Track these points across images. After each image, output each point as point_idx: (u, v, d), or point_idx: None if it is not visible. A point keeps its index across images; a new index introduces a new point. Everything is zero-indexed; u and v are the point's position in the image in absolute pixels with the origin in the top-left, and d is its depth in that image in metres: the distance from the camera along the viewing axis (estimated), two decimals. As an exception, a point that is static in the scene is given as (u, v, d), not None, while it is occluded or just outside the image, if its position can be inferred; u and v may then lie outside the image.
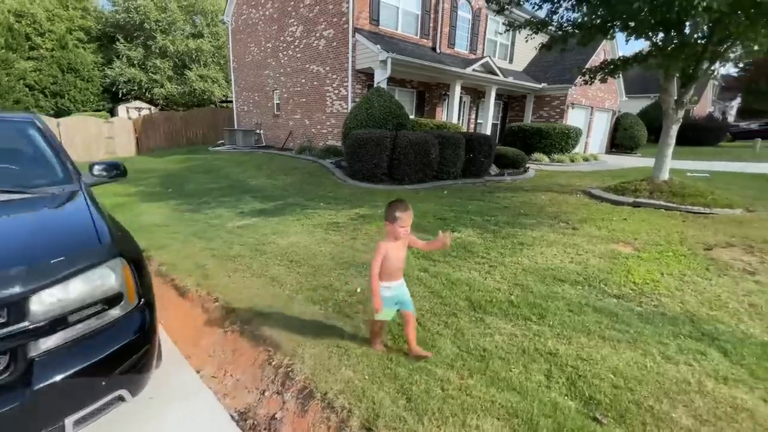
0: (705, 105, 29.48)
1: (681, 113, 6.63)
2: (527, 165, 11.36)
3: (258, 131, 15.89)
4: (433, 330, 2.62)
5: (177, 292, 3.54)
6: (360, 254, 4.12)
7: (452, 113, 12.56)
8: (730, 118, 36.47)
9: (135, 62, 27.35)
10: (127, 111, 25.44)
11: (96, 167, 2.90)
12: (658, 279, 3.31)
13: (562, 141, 13.20)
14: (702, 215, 5.55)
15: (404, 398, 1.95)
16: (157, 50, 27.47)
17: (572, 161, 12.95)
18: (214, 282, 3.54)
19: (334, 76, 11.64)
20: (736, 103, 37.57)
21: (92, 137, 15.58)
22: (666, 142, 6.78)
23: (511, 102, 16.80)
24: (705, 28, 6.12)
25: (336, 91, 11.65)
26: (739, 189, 7.81)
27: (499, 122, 16.66)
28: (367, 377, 2.12)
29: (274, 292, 3.25)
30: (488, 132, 13.49)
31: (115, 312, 1.76)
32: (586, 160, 13.70)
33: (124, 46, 26.96)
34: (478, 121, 15.61)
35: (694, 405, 1.91)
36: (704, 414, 1.85)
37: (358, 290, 3.21)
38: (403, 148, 8.19)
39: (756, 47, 5.83)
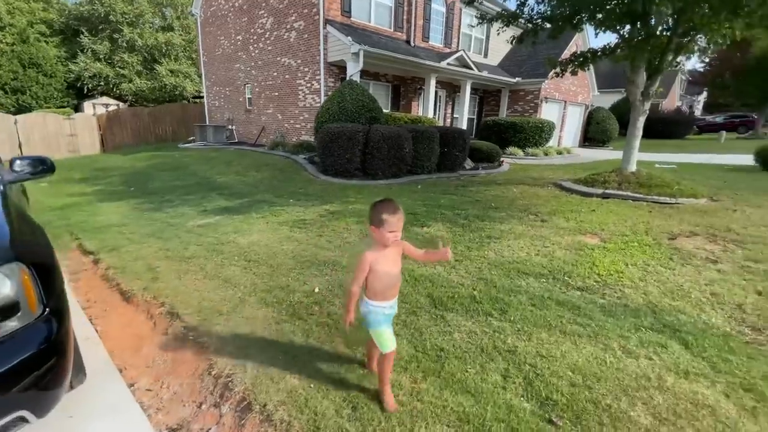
0: (673, 99, 30.47)
1: (647, 105, 6.69)
2: (502, 159, 11.38)
3: (230, 127, 15.41)
4: (391, 330, 2.47)
5: (122, 296, 3.29)
6: (323, 252, 3.94)
7: (428, 107, 12.46)
8: (697, 112, 37.87)
9: (101, 56, 26.15)
10: (94, 107, 24.28)
11: (17, 162, 2.61)
12: (623, 270, 3.27)
13: (536, 135, 13.31)
14: (668, 205, 5.62)
15: (350, 407, 1.80)
16: (125, 44, 26.34)
17: (546, 155, 13.07)
18: (163, 285, 3.30)
19: (306, 69, 11.33)
20: (702, 97, 39.04)
21: (52, 135, 14.76)
22: (633, 133, 6.84)
23: (486, 96, 16.84)
24: (669, 20, 6.19)
25: (308, 85, 11.36)
26: (704, 179, 8.00)
27: (475, 117, 16.69)
28: (312, 385, 1.96)
29: (226, 294, 3.04)
30: (464, 126, 13.48)
31: (12, 323, 1.54)
32: (559, 153, 13.87)
33: (89, 39, 25.73)
34: (455, 115, 15.59)
35: (653, 402, 1.83)
36: (663, 412, 1.77)
37: (316, 290, 3.04)
38: (376, 142, 8.02)
39: (720, 39, 5.92)
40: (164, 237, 4.70)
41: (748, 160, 10.44)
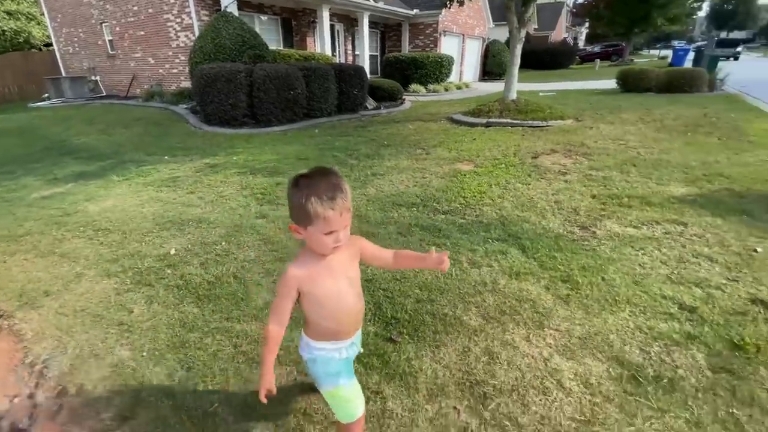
0: (560, 32, 32.59)
1: (523, 33, 6.95)
2: (403, 97, 11.29)
3: (92, 78, 12.89)
4: (253, 280, 2.35)
5: None
6: (191, 210, 3.57)
7: (324, 43, 11.59)
8: (581, 44, 41.24)
9: None
10: None
11: None
12: (485, 190, 3.49)
13: (436, 70, 13.34)
14: (539, 128, 6.11)
15: (185, 369, 1.67)
16: None
17: (446, 90, 13.30)
18: (-23, 273, 2.71)
19: (173, 1, 9.61)
20: (585, 28, 42.38)
21: None
22: (512, 62, 7.14)
23: (388, 31, 16.21)
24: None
25: (178, 20, 9.71)
26: (575, 103, 8.84)
27: (378, 53, 16.08)
28: (145, 353, 1.78)
29: (60, 271, 2.60)
30: (367, 64, 12.91)
31: None
32: (459, 88, 14.21)
33: None
34: (356, 52, 14.83)
35: (485, 304, 2.00)
36: (491, 312, 1.95)
37: (173, 252, 2.75)
38: (262, 83, 7.30)
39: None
40: (-9, 216, 3.86)
41: (613, 84, 11.72)
